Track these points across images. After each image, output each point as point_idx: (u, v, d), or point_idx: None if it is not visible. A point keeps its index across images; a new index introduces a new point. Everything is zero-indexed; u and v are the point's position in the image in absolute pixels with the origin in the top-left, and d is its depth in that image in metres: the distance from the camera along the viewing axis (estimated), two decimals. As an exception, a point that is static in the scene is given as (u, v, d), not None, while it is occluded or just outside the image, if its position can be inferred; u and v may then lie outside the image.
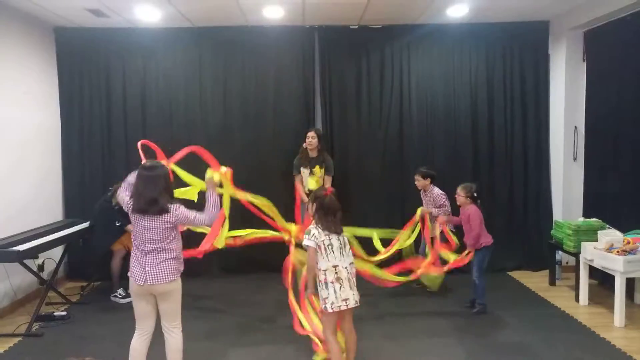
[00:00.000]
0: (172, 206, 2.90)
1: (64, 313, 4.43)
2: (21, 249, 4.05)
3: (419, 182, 4.99)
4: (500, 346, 3.74)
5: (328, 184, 5.26)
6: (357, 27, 5.71)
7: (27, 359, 3.64)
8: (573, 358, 3.53)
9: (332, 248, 3.07)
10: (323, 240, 3.07)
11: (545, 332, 3.97)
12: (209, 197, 3.06)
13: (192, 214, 2.96)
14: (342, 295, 3.02)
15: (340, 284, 3.02)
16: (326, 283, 3.03)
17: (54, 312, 4.43)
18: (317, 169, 5.30)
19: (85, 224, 5.05)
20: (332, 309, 3.02)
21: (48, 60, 5.46)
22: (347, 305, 3.04)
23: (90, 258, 5.18)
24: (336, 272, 3.04)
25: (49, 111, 5.47)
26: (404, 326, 4.14)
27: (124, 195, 2.99)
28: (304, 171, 5.33)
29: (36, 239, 4.35)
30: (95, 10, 4.91)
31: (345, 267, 3.08)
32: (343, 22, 5.57)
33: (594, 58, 5.27)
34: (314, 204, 3.18)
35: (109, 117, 5.67)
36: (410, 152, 5.76)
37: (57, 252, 4.94)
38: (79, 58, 5.59)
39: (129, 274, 2.95)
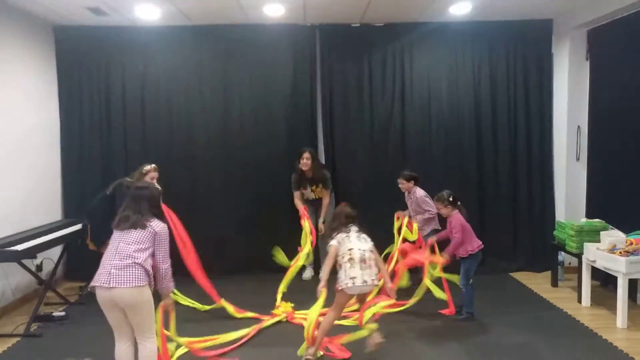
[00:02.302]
0: (153, 222, 2.90)
1: (63, 313, 4.40)
2: (19, 249, 4.02)
3: (403, 185, 4.94)
4: (501, 348, 3.71)
5: (326, 198, 5.41)
6: (358, 25, 5.67)
7: None
8: (575, 360, 3.50)
9: (349, 238, 3.41)
10: (341, 235, 3.44)
11: (547, 334, 3.94)
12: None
13: (167, 251, 2.91)
14: (350, 273, 3.27)
15: (351, 264, 3.29)
16: (340, 266, 3.34)
17: (52, 313, 4.40)
18: (316, 188, 5.40)
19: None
20: (340, 286, 3.30)
21: (47, 58, 5.43)
22: (353, 283, 3.26)
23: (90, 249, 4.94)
24: (350, 254, 3.32)
25: (48, 110, 5.44)
26: (404, 327, 4.10)
27: None
28: (305, 191, 5.43)
29: (35, 238, 4.32)
30: (95, 9, 4.88)
31: (360, 249, 3.34)
32: (344, 20, 5.53)
33: (598, 57, 5.23)
34: (333, 230, 3.54)
35: (108, 116, 5.64)
36: (412, 151, 5.73)
37: (56, 252, 4.93)
38: (79, 56, 5.56)
39: (92, 283, 2.82)
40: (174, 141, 5.68)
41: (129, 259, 2.77)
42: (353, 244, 3.38)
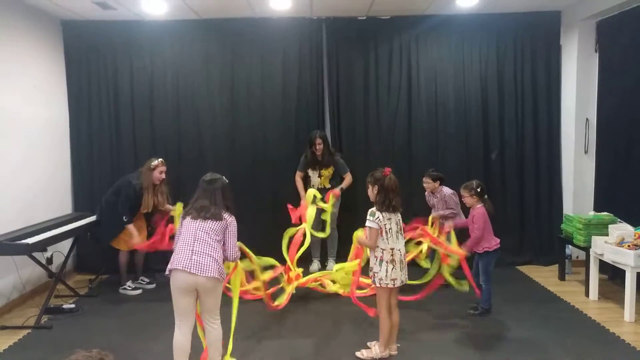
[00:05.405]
0: (226, 215, 3.11)
1: (73, 306, 4.46)
2: (30, 242, 4.07)
3: (429, 184, 4.83)
4: (509, 341, 3.71)
5: (348, 177, 5.38)
6: (365, 18, 5.65)
7: None
8: (582, 353, 3.49)
9: (391, 232, 3.29)
10: (385, 224, 3.27)
11: (554, 328, 3.93)
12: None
13: (235, 240, 3.16)
14: (392, 275, 3.28)
15: (393, 265, 3.28)
16: (381, 261, 3.28)
17: (62, 305, 4.46)
18: (324, 171, 5.36)
19: (94, 217, 5.06)
20: (379, 284, 3.30)
21: (55, 53, 5.47)
22: (394, 285, 3.30)
23: (100, 248, 5.10)
24: (392, 255, 3.28)
25: (57, 105, 5.48)
26: (412, 321, 4.10)
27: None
28: (313, 172, 5.38)
29: (45, 232, 4.37)
30: (102, 3, 4.89)
31: (399, 250, 3.32)
32: (351, 13, 5.51)
33: (607, 49, 5.17)
34: (375, 186, 3.32)
35: (116, 110, 5.67)
36: (419, 145, 5.71)
37: (66, 245, 4.98)
38: (86, 51, 5.59)
39: (170, 266, 2.99)
40: (181, 134, 5.71)
41: (208, 251, 2.99)
42: (393, 243, 3.28)
